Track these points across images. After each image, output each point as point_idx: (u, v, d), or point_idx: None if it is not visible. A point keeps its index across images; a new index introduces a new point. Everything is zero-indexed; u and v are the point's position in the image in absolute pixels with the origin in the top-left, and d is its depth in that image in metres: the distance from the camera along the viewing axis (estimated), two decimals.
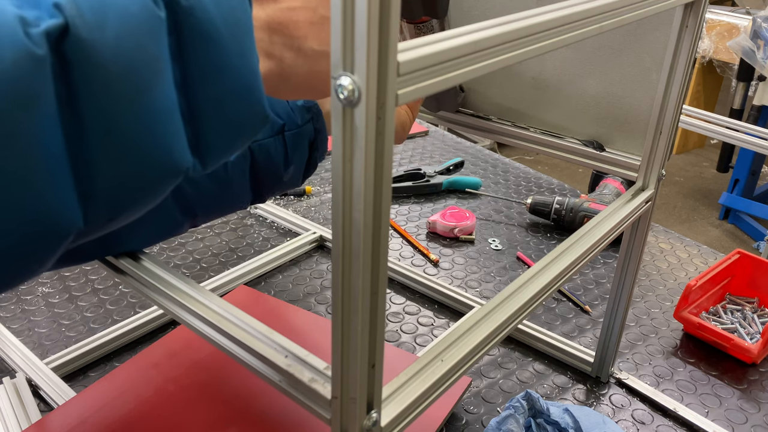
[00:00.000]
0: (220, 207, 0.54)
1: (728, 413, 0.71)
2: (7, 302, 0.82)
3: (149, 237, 0.51)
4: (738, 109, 2.28)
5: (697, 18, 0.55)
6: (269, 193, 0.56)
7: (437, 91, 0.29)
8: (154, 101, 0.28)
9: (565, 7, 0.38)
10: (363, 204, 0.28)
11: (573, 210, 1.05)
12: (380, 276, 0.30)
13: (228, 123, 0.31)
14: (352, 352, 0.31)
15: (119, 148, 0.27)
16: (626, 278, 0.68)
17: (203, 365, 0.70)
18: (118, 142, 0.27)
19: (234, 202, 0.54)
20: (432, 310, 0.86)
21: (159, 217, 0.50)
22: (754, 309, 0.86)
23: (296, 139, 0.52)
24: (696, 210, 2.97)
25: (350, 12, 0.24)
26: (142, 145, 0.28)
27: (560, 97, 0.70)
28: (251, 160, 0.51)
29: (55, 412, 0.63)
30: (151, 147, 0.28)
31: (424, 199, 1.18)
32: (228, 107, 0.31)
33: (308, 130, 0.53)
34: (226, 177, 0.51)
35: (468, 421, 0.68)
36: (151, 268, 0.48)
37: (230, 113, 0.31)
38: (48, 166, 0.25)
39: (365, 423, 0.33)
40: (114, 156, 0.27)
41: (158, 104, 0.28)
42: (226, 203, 0.54)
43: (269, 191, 0.56)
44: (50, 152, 0.25)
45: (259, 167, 0.52)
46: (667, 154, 0.62)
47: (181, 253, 0.96)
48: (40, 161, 0.25)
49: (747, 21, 1.81)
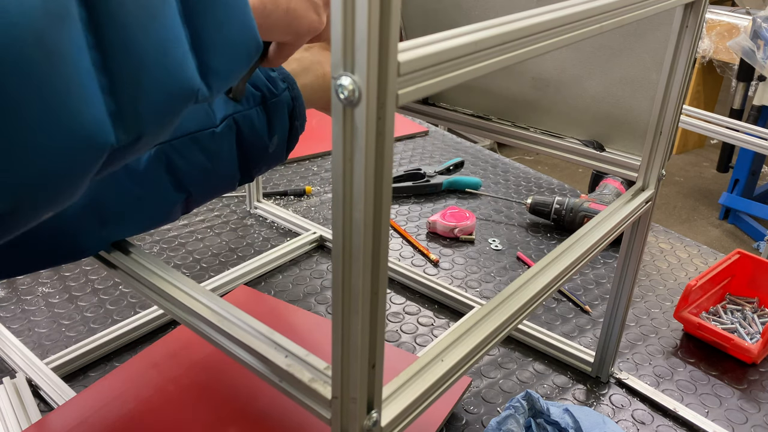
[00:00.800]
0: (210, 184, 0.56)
1: (728, 413, 0.71)
2: (7, 302, 0.82)
3: (146, 218, 0.53)
4: (738, 109, 2.28)
5: (697, 18, 0.55)
6: (256, 168, 0.58)
7: (437, 91, 0.29)
8: (164, 26, 0.30)
9: (565, 7, 0.38)
10: (363, 204, 0.28)
11: (573, 210, 1.05)
12: (380, 276, 0.30)
13: (227, 48, 0.35)
14: (352, 352, 0.31)
15: (138, 68, 0.30)
16: (626, 278, 0.68)
17: (203, 365, 0.70)
18: (137, 62, 0.29)
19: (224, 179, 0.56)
20: (432, 310, 0.86)
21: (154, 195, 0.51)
22: (754, 309, 0.86)
23: (276, 107, 0.55)
24: (696, 210, 2.97)
25: (350, 12, 0.24)
26: (157, 65, 0.30)
27: (560, 97, 0.70)
28: (237, 132, 0.54)
29: (55, 412, 0.63)
30: (166, 67, 0.31)
31: (424, 199, 1.18)
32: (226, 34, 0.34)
33: (286, 98, 0.56)
34: (215, 149, 0.53)
35: (468, 421, 0.68)
36: (151, 268, 0.48)
37: (228, 39, 0.35)
38: (81, 82, 0.27)
39: (365, 423, 0.33)
40: (134, 75, 0.30)
41: (167, 29, 0.31)
42: (216, 179, 0.56)
43: (256, 165, 0.58)
44: (82, 69, 0.27)
45: (245, 139, 0.55)
46: (667, 154, 0.62)
47: (181, 253, 0.96)
48: (74, 78, 0.27)
49: (747, 21, 1.81)
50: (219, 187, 0.58)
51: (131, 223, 0.52)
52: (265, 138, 0.56)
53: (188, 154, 0.52)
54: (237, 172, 0.57)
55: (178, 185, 0.52)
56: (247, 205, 1.09)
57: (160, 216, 0.54)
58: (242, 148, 0.55)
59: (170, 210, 0.54)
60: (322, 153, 1.34)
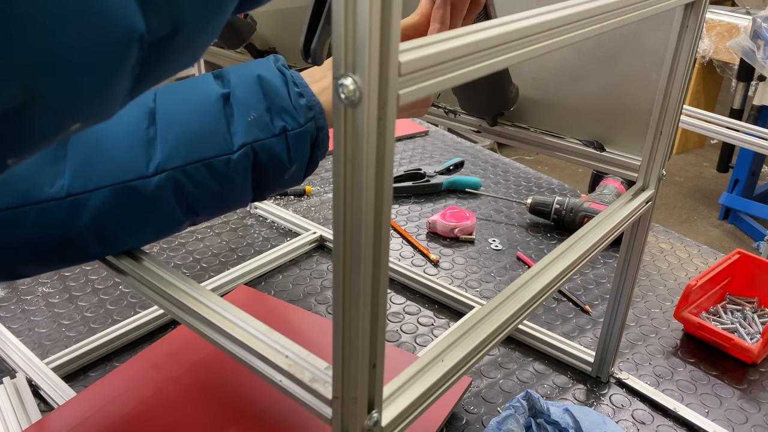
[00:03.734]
0: (221, 206, 0.54)
1: (728, 413, 0.71)
2: (7, 302, 0.82)
3: (149, 235, 0.51)
4: (738, 109, 2.28)
5: (698, 18, 0.55)
6: (270, 191, 0.56)
7: (436, 92, 0.29)
8: None
9: (565, 7, 0.38)
10: (363, 204, 0.28)
11: (573, 210, 1.05)
12: (381, 276, 0.30)
13: None
14: (353, 352, 0.31)
15: None
16: (626, 278, 0.68)
17: (203, 365, 0.70)
18: None
19: (235, 200, 0.54)
20: (432, 310, 0.86)
21: (160, 217, 0.50)
22: (754, 309, 0.86)
23: (298, 138, 0.52)
24: (696, 210, 2.97)
25: (351, 12, 0.24)
26: None
27: (560, 97, 0.70)
28: (254, 159, 0.51)
29: (55, 412, 0.63)
30: None
31: (424, 199, 1.18)
32: None
33: (310, 128, 0.53)
34: (229, 176, 0.51)
35: (468, 421, 0.68)
36: (151, 268, 0.48)
37: None
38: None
39: (366, 423, 0.33)
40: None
41: None
42: (227, 202, 0.54)
43: (270, 189, 0.56)
44: None
45: (262, 166, 0.52)
46: (668, 154, 0.62)
47: (181, 253, 0.96)
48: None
49: (747, 21, 1.81)
50: (229, 208, 0.56)
51: (134, 241, 0.51)
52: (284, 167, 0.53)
53: (200, 180, 0.49)
54: (249, 195, 0.55)
55: (186, 209, 0.51)
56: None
57: (164, 234, 0.53)
58: (257, 174, 0.53)
59: (176, 229, 0.53)
60: None
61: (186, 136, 0.48)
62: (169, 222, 0.51)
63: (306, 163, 0.55)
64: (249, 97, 0.51)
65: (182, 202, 0.50)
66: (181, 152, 0.48)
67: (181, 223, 0.52)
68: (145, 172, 0.47)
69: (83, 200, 0.46)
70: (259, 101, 0.51)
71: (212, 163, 0.49)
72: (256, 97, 0.51)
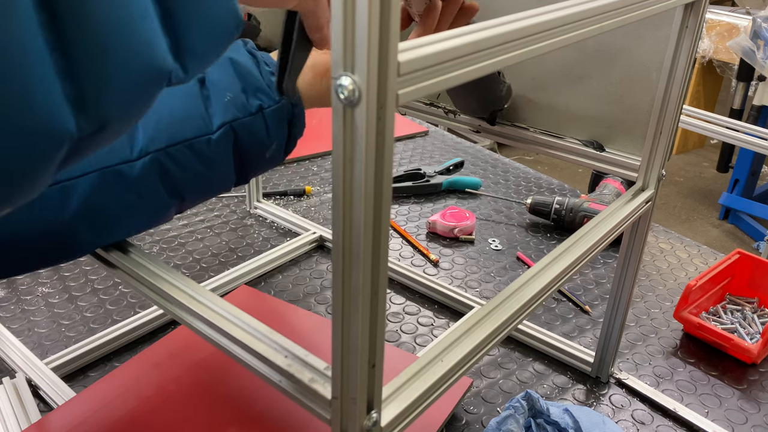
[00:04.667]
0: (206, 188, 0.55)
1: (728, 413, 0.71)
2: (7, 302, 0.82)
3: (138, 222, 0.53)
4: (738, 109, 2.28)
5: (697, 18, 0.55)
6: (252, 172, 0.58)
7: (438, 91, 0.29)
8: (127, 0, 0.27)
9: (565, 7, 0.38)
10: (363, 204, 0.27)
11: (573, 210, 1.05)
12: (380, 276, 0.30)
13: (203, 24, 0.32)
14: (352, 352, 0.31)
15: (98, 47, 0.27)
16: (626, 278, 0.68)
17: (204, 365, 0.70)
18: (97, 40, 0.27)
19: (219, 183, 0.56)
20: (432, 310, 0.86)
21: (147, 200, 0.51)
22: (754, 309, 0.86)
23: (275, 114, 0.54)
24: (696, 210, 2.97)
25: (351, 12, 0.24)
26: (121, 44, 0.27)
27: (560, 97, 0.70)
28: (234, 139, 0.53)
29: (55, 412, 0.63)
30: (131, 47, 0.28)
31: (424, 199, 1.18)
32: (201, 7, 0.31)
33: (286, 105, 0.55)
34: (211, 156, 0.52)
35: (468, 422, 0.68)
36: (151, 268, 0.48)
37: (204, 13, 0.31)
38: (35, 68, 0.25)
39: (365, 423, 0.33)
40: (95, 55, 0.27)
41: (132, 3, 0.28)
42: (211, 184, 0.55)
43: (253, 170, 0.58)
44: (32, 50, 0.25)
45: (243, 145, 0.54)
46: (667, 154, 0.62)
47: (181, 253, 0.96)
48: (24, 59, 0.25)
49: (747, 21, 1.81)
50: (213, 190, 0.57)
51: (124, 228, 0.51)
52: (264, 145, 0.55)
53: (183, 161, 0.51)
54: (232, 176, 0.56)
55: (172, 191, 0.52)
56: (247, 205, 1.09)
57: (153, 220, 0.54)
58: (239, 154, 0.55)
59: (164, 214, 0.54)
60: (322, 153, 1.34)
61: (167, 120, 0.51)
62: (156, 206, 0.52)
63: (285, 139, 0.57)
64: (224, 79, 0.53)
65: (168, 185, 0.51)
66: (163, 135, 0.50)
67: (168, 207, 0.54)
68: (129, 156, 0.49)
69: (71, 186, 0.47)
70: (234, 82, 0.53)
71: (194, 143, 0.51)
72: (231, 78, 0.53)
